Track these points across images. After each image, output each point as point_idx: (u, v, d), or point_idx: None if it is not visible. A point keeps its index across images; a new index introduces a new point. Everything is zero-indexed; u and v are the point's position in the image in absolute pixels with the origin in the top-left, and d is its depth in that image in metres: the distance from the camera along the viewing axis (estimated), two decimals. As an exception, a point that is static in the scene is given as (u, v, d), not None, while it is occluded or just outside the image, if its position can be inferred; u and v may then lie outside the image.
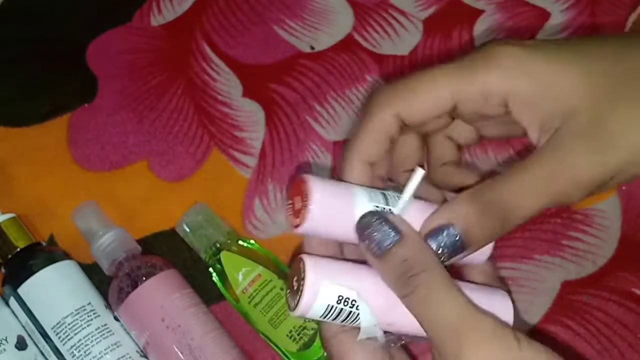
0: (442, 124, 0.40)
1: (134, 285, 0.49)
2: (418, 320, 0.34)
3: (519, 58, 0.36)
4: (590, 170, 0.35)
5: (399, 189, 0.37)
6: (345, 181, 0.39)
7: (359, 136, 0.39)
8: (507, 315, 0.37)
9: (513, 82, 0.36)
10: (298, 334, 0.50)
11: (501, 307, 0.37)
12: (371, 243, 0.35)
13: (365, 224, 0.35)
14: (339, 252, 0.39)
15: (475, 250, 0.36)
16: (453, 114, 0.39)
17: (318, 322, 0.43)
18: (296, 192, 0.36)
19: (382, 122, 0.38)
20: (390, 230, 0.35)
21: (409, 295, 0.34)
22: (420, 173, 0.36)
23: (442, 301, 0.33)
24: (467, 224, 0.35)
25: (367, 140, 0.39)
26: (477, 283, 0.39)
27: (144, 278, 0.50)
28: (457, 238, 0.35)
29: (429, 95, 0.38)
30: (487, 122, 0.39)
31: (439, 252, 0.35)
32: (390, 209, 0.36)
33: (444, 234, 0.35)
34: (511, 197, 0.35)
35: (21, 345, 0.49)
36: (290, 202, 0.37)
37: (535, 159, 0.36)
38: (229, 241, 0.52)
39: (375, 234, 0.35)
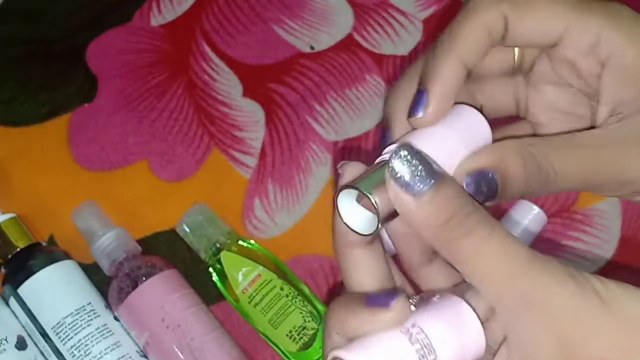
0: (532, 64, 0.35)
1: (134, 285, 0.49)
2: (472, 268, 0.28)
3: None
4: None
5: None
6: (429, 82, 0.32)
7: (456, 33, 0.32)
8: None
9: (627, 45, 0.32)
10: (298, 334, 0.50)
11: None
12: (411, 183, 0.28)
13: (400, 160, 0.29)
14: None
15: (500, 202, 0.31)
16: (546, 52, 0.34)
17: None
18: None
19: (486, 20, 0.32)
20: (432, 166, 0.29)
21: (464, 236, 0.28)
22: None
23: (505, 240, 0.28)
24: (511, 173, 0.31)
25: (467, 38, 0.32)
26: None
27: (144, 278, 0.50)
28: (496, 184, 0.30)
29: (542, 14, 0.33)
30: (556, 83, 0.35)
31: (475, 196, 0.30)
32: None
33: (485, 177, 0.30)
34: (558, 163, 0.31)
35: (21, 345, 0.49)
36: None
37: (594, 135, 0.33)
38: (229, 241, 0.52)
39: (414, 170, 0.29)
